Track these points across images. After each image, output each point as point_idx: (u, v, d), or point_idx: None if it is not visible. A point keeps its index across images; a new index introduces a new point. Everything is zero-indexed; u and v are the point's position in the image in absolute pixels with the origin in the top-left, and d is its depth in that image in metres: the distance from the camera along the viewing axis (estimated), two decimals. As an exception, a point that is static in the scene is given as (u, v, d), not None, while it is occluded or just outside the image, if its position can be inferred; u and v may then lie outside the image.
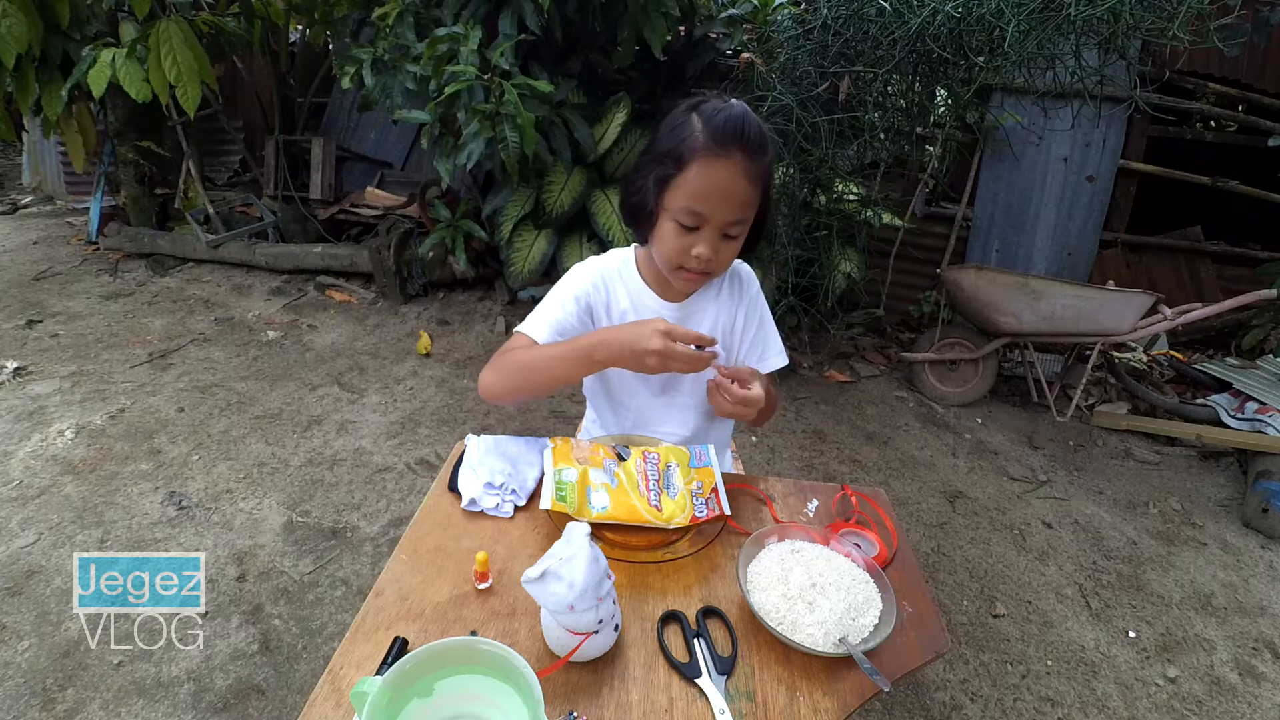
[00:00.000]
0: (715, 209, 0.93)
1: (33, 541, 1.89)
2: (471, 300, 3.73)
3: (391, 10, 2.97)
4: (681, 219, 0.95)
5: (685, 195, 0.93)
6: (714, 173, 0.91)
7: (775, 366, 1.18)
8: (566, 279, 1.12)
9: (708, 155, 0.91)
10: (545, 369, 1.00)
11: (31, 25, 3.01)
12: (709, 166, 0.91)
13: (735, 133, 0.91)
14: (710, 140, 0.91)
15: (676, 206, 0.95)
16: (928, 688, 1.69)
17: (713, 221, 0.94)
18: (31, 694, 1.48)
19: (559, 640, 0.75)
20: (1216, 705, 1.73)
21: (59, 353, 2.92)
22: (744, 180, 0.93)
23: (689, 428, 1.20)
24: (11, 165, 6.03)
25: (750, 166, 0.92)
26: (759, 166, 0.94)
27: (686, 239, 0.96)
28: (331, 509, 2.12)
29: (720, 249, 0.97)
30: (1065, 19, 2.00)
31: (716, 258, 0.97)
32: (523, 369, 1.02)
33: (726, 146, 0.91)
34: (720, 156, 0.91)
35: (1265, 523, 2.41)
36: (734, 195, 0.93)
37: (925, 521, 2.33)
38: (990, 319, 2.92)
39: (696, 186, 0.92)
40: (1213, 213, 3.83)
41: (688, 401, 1.18)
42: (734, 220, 0.95)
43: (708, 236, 0.95)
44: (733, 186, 0.92)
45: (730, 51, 3.31)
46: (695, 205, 0.93)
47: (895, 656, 0.82)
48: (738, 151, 0.91)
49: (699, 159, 0.92)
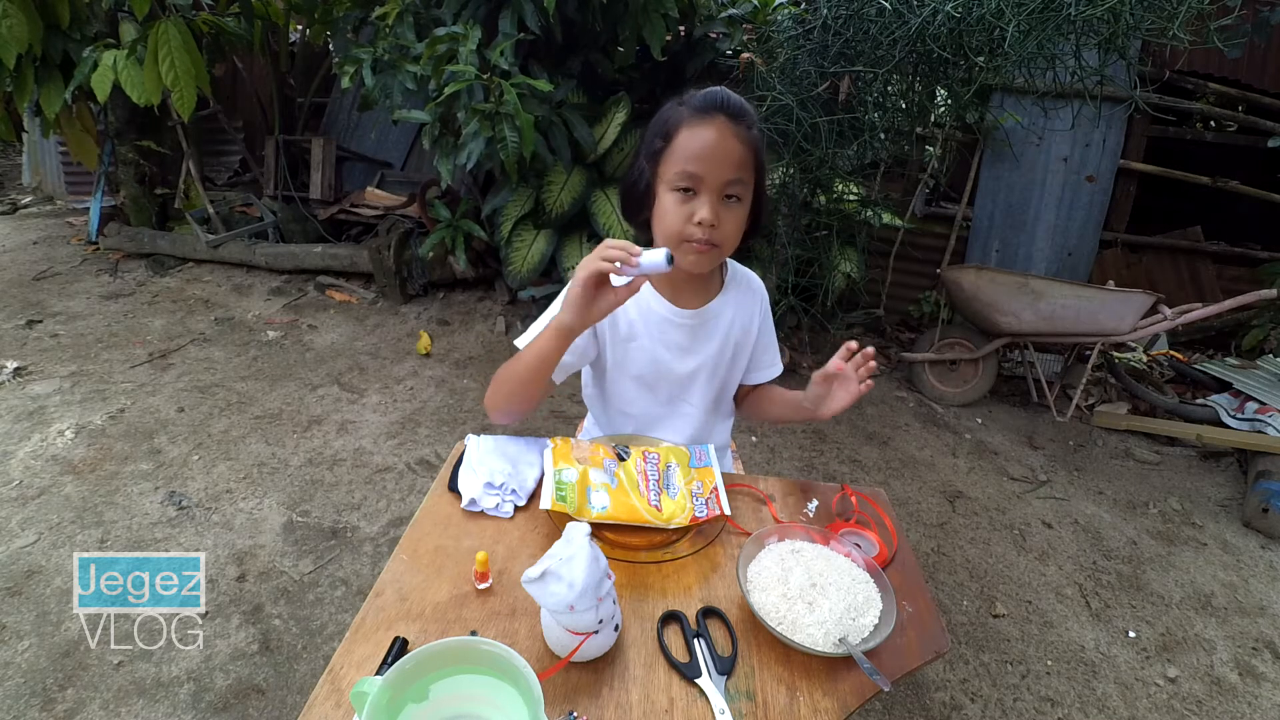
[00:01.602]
0: (709, 167, 0.95)
1: (33, 541, 1.89)
2: (471, 300, 3.73)
3: (391, 10, 2.97)
4: (678, 183, 0.97)
5: (678, 159, 0.96)
6: (702, 132, 0.95)
7: (772, 376, 1.24)
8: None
9: (693, 120, 0.96)
10: (525, 359, 0.98)
11: (31, 25, 3.01)
12: (696, 128, 0.95)
13: (715, 101, 0.96)
14: (693, 109, 0.96)
15: (671, 174, 0.97)
16: (928, 688, 1.69)
17: (708, 181, 0.95)
18: (31, 694, 1.48)
19: (559, 640, 0.75)
20: (1216, 705, 1.73)
21: (59, 353, 2.92)
22: (733, 139, 0.95)
23: (686, 435, 1.20)
24: (11, 165, 6.03)
25: (735, 128, 0.96)
26: (744, 130, 0.96)
27: (687, 206, 0.97)
28: (331, 509, 2.13)
29: (722, 214, 0.97)
30: (1065, 19, 2.00)
31: (720, 224, 0.97)
32: (509, 371, 1.02)
33: (709, 111, 0.96)
34: (705, 119, 0.95)
35: (1265, 523, 2.41)
36: (725, 153, 0.95)
37: (925, 521, 2.33)
38: (990, 319, 2.92)
39: (687, 148, 0.95)
40: (1213, 213, 3.83)
41: (691, 410, 1.19)
42: (730, 179, 0.96)
43: (706, 199, 0.96)
44: (722, 144, 0.95)
45: (730, 51, 3.31)
46: (688, 166, 0.95)
47: (895, 656, 0.82)
48: (720, 115, 0.95)
49: (685, 124, 0.96)
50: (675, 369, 1.14)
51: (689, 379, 1.16)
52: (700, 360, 1.14)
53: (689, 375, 1.15)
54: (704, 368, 1.15)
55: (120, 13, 3.35)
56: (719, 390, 1.19)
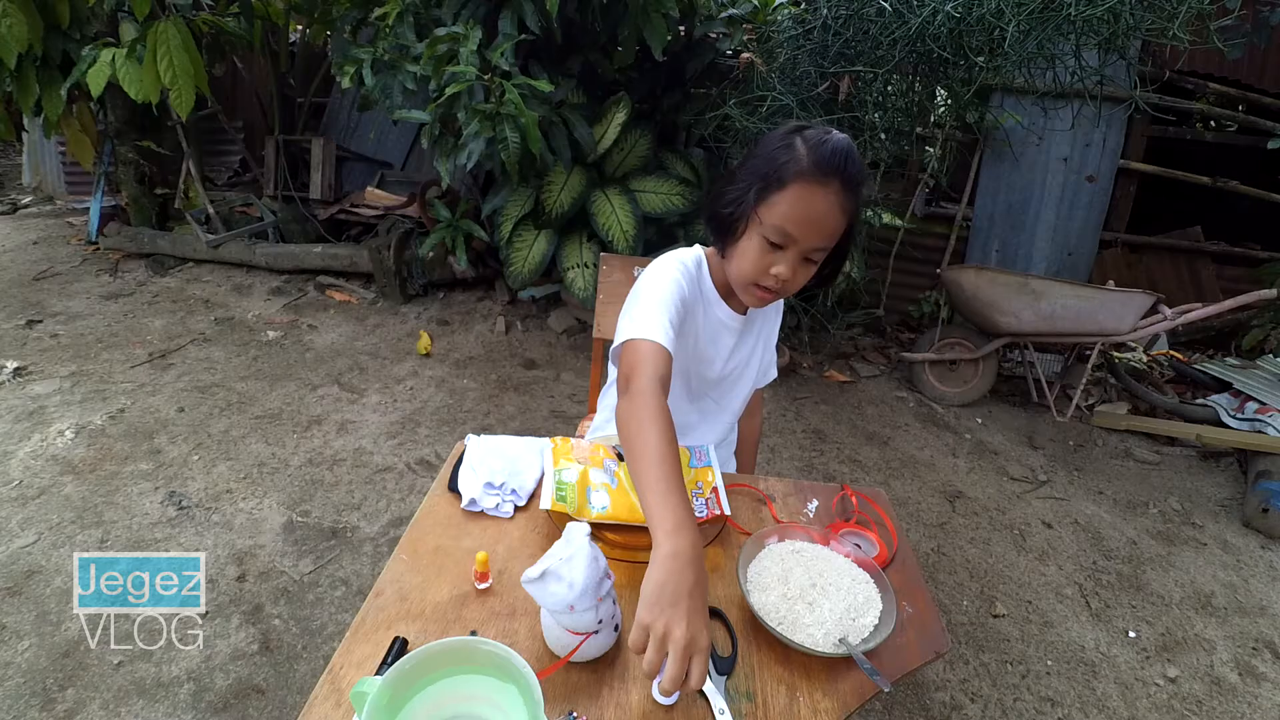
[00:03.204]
0: (805, 233, 0.94)
1: (33, 541, 1.89)
2: (471, 300, 3.73)
3: (391, 10, 2.97)
4: (771, 236, 0.95)
5: (779, 215, 0.93)
6: (812, 198, 0.92)
7: (772, 378, 1.28)
8: (664, 274, 1.03)
9: (809, 180, 0.91)
10: (634, 468, 0.81)
11: (32, 25, 3.01)
12: (808, 191, 0.91)
13: (839, 163, 0.91)
14: (814, 166, 0.91)
15: (768, 224, 0.94)
16: (928, 688, 1.69)
17: (800, 245, 0.95)
18: (31, 694, 1.48)
19: (559, 640, 0.75)
20: (1216, 705, 1.73)
21: (59, 353, 2.92)
22: (837, 211, 0.93)
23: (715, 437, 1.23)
24: (11, 165, 6.02)
25: (845, 198, 0.93)
26: (854, 199, 0.94)
27: (769, 258, 0.96)
28: (331, 509, 2.12)
29: (798, 272, 0.98)
30: (1065, 19, 2.00)
31: (793, 280, 0.98)
32: (629, 438, 0.83)
33: (828, 174, 0.91)
34: (820, 183, 0.91)
35: (1265, 523, 2.41)
36: (825, 223, 0.94)
37: (925, 521, 2.33)
38: (990, 319, 2.92)
39: (793, 209, 0.92)
40: (1213, 213, 3.83)
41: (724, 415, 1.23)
42: (818, 247, 0.96)
43: (790, 258, 0.95)
44: (827, 214, 0.93)
45: (730, 51, 3.31)
46: (787, 226, 0.93)
47: (895, 656, 0.82)
48: (837, 181, 0.91)
49: (799, 182, 0.91)
50: (718, 371, 1.16)
51: (730, 382, 1.19)
52: (736, 363, 1.17)
53: (729, 378, 1.18)
54: (740, 372, 1.19)
55: (120, 13, 3.35)
56: (745, 396, 1.23)
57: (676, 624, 0.65)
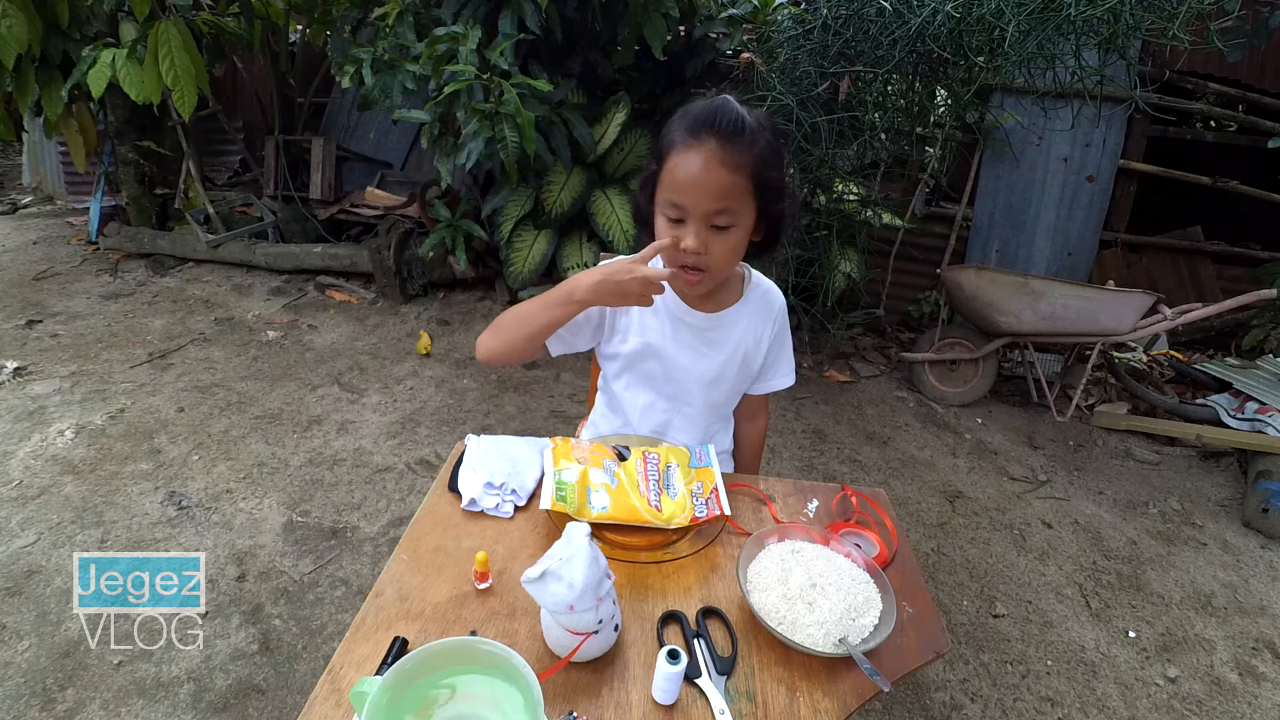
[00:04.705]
0: (693, 198, 0.93)
1: (33, 541, 1.89)
2: (471, 300, 3.73)
3: (391, 10, 2.97)
4: (667, 212, 0.97)
5: (666, 188, 0.95)
6: (688, 160, 0.92)
7: (780, 386, 1.23)
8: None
9: (682, 145, 0.93)
10: (530, 314, 1.03)
11: (31, 25, 3.01)
12: (684, 155, 0.93)
13: (708, 120, 0.91)
14: (684, 130, 0.93)
15: (661, 200, 0.97)
16: (928, 688, 1.69)
17: (693, 211, 0.94)
18: (31, 694, 1.48)
19: (559, 640, 0.75)
20: (1216, 705, 1.73)
21: (59, 353, 2.92)
22: (719, 167, 0.91)
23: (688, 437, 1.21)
24: (11, 165, 6.02)
25: (725, 153, 0.91)
26: (738, 153, 0.91)
27: (675, 233, 0.97)
28: (331, 509, 2.13)
29: (711, 242, 0.96)
30: (1065, 19, 2.00)
31: (707, 251, 0.96)
32: (512, 320, 1.06)
33: (699, 134, 0.91)
34: (694, 144, 0.92)
35: (1265, 523, 2.41)
36: (709, 183, 0.92)
37: (925, 521, 2.33)
38: (990, 319, 2.92)
39: (674, 177, 0.94)
40: (1213, 213, 3.83)
41: (691, 412, 1.19)
42: (715, 209, 0.94)
43: (692, 228, 0.95)
44: (707, 174, 0.91)
45: (730, 51, 3.31)
46: (673, 196, 0.94)
47: (895, 657, 0.82)
48: (711, 138, 0.91)
49: (674, 150, 0.94)
50: (681, 367, 1.14)
51: (693, 381, 1.15)
52: (707, 365, 1.14)
53: (694, 377, 1.15)
54: (709, 373, 1.15)
55: (120, 13, 3.35)
56: (722, 398, 1.20)
57: None
